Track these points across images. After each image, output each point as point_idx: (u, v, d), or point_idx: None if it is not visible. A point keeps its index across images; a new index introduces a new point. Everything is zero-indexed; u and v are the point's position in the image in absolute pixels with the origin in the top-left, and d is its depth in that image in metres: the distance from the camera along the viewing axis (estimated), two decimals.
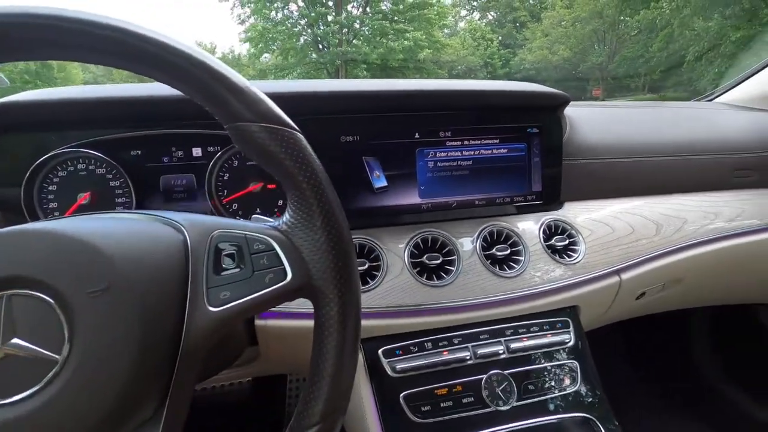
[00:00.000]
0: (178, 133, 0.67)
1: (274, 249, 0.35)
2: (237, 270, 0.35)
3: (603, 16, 18.46)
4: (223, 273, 0.34)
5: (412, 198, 0.75)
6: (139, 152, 0.67)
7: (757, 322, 1.19)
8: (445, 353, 0.66)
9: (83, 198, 0.64)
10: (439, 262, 0.70)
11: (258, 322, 0.63)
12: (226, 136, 0.40)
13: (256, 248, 0.35)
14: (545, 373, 0.69)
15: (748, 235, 0.88)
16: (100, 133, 0.64)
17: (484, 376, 0.66)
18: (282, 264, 0.35)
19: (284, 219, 0.37)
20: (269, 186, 0.70)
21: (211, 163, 0.68)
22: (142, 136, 0.66)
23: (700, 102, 1.21)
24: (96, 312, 0.30)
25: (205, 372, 0.50)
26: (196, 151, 0.69)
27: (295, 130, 0.37)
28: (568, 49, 20.68)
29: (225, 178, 0.69)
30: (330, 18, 16.68)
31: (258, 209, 0.70)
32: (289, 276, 0.35)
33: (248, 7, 16.57)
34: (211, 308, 0.33)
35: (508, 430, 0.63)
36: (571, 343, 0.72)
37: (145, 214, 0.38)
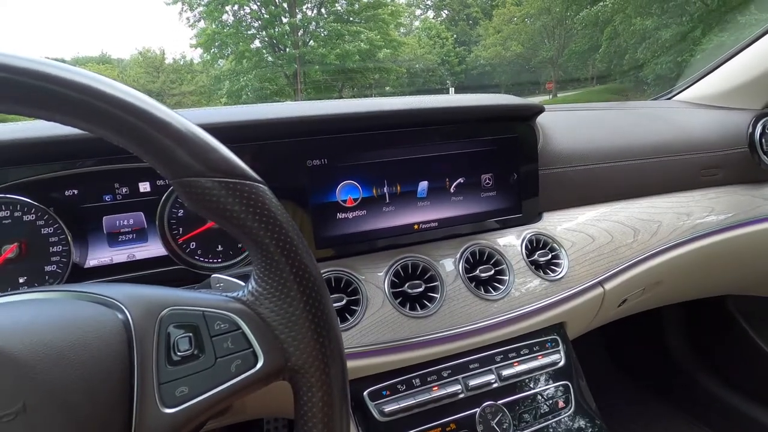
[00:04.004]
0: (120, 167, 0.59)
1: (240, 328, 0.29)
2: (195, 358, 0.28)
3: (551, 12, 19.15)
4: (178, 363, 0.28)
5: (389, 221, 0.70)
6: (75, 192, 0.58)
7: (726, 311, 1.22)
8: (435, 389, 0.62)
9: (9, 251, 0.55)
10: (421, 290, 0.66)
11: None
12: None
13: (217, 328, 0.29)
14: (539, 398, 0.66)
15: (719, 233, 0.89)
16: (23, 173, 0.55)
17: (478, 410, 0.62)
18: (251, 346, 0.29)
19: (250, 288, 0.31)
20: None
21: (163, 199, 0.60)
22: (77, 173, 0.57)
23: (659, 101, 1.23)
24: None
25: None
26: (144, 186, 0.61)
27: (257, 181, 0.31)
28: (520, 45, 21.34)
29: (179, 214, 0.61)
30: (284, 20, 16.34)
31: (219, 246, 0.63)
32: (261, 361, 0.29)
33: (197, 10, 15.95)
34: (166, 410, 0.27)
35: None
36: (562, 363, 0.69)
37: (69, 291, 0.30)
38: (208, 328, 0.29)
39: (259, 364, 0.29)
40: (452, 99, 0.72)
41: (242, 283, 0.37)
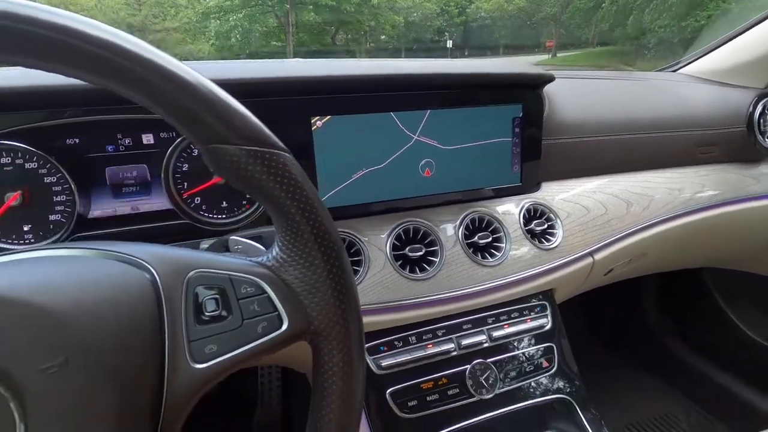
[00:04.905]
0: (122, 118, 0.57)
1: (266, 292, 0.31)
2: (223, 318, 0.30)
3: None
4: (206, 323, 0.29)
5: (393, 184, 0.70)
6: (77, 141, 0.57)
7: (701, 282, 1.29)
8: (429, 347, 0.66)
9: (12, 198, 0.54)
10: (422, 253, 0.68)
11: None
12: None
13: (244, 292, 0.30)
14: (525, 358, 0.70)
15: (707, 210, 0.92)
16: (22, 120, 0.54)
17: (468, 367, 0.66)
18: (276, 310, 0.31)
19: (274, 254, 0.32)
20: None
21: (168, 152, 0.59)
22: (78, 122, 0.56)
23: (664, 72, 1.22)
24: (57, 392, 0.24)
25: None
26: (147, 138, 0.60)
27: (281, 150, 0.31)
28: None
29: (184, 168, 0.61)
30: None
31: (224, 203, 0.63)
32: (286, 323, 0.31)
33: None
34: (196, 365, 0.29)
35: (492, 417, 0.64)
36: (548, 327, 0.73)
37: (93, 249, 0.31)
38: (235, 291, 0.30)
39: (284, 327, 0.30)
40: (462, 65, 0.71)
41: (260, 247, 0.38)
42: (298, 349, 0.35)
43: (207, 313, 0.30)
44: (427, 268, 0.68)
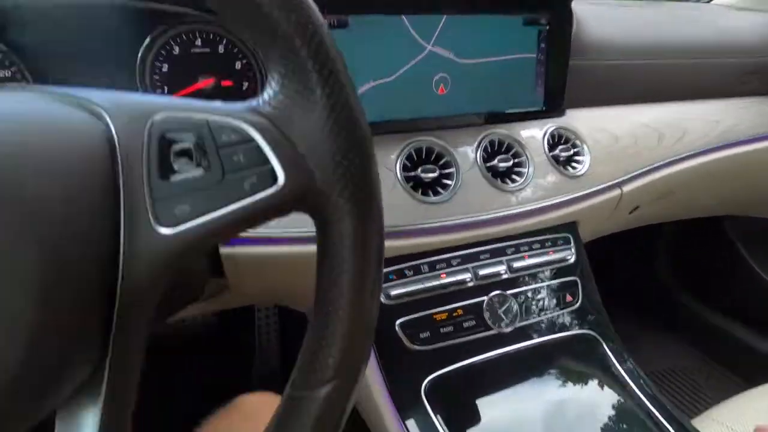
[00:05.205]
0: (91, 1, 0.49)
1: (254, 140, 0.23)
2: (197, 171, 0.23)
3: None
4: (175, 177, 0.22)
5: (404, 99, 0.62)
6: (38, 37, 0.48)
7: (722, 234, 1.23)
8: (443, 276, 0.59)
9: None
10: (435, 175, 0.60)
11: (223, 249, 0.51)
12: (162, 13, 0.25)
13: (225, 140, 0.23)
14: (547, 291, 0.64)
15: (746, 144, 0.84)
16: None
17: (486, 298, 0.60)
18: (268, 162, 0.23)
19: (266, 97, 0.24)
20: (224, 83, 0.55)
21: (143, 48, 0.51)
22: (40, 10, 0.48)
23: (699, 4, 1.11)
24: None
25: (161, 313, 0.39)
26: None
27: None
28: None
29: (164, 69, 0.53)
30: None
31: None
32: (281, 179, 0.23)
33: None
34: (163, 229, 0.22)
35: (511, 351, 0.59)
36: (572, 260, 0.67)
37: (40, 91, 0.24)
38: (214, 138, 0.23)
39: (280, 181, 0.23)
40: None
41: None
42: (296, 282, 0.28)
43: (176, 166, 0.22)
44: (441, 191, 0.61)
